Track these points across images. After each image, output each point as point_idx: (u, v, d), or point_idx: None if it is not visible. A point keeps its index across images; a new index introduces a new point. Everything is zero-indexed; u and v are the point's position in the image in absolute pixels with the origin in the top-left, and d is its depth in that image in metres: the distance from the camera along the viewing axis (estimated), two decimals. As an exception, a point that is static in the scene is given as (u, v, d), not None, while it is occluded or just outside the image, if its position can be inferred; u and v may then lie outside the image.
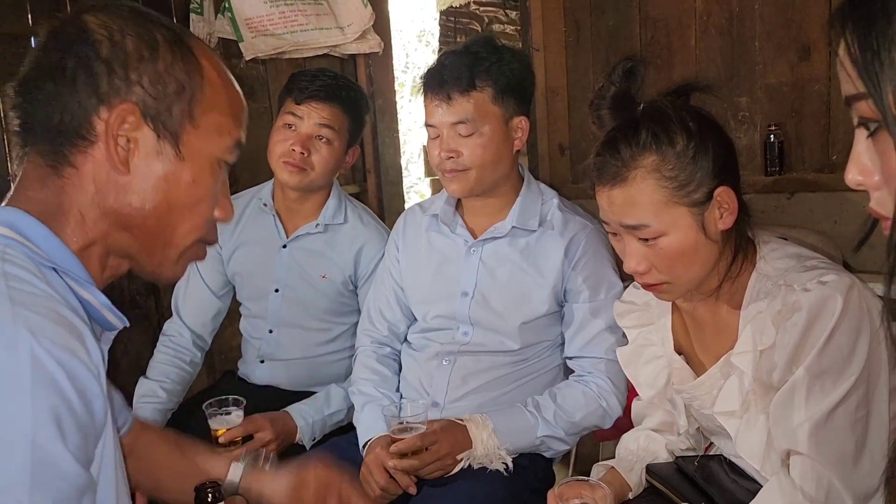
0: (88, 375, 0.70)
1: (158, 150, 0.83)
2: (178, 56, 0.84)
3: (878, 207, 0.67)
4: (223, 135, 0.88)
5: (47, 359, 0.67)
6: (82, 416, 0.69)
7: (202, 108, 0.86)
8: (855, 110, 0.65)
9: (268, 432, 1.68)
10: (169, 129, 0.84)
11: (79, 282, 0.80)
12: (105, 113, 0.81)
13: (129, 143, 0.82)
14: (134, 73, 0.82)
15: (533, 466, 1.54)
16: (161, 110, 0.83)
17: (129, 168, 0.82)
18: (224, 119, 0.88)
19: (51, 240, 0.80)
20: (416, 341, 1.67)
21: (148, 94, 0.82)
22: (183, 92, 0.84)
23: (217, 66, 0.89)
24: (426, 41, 6.92)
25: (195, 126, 0.85)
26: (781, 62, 2.18)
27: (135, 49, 0.82)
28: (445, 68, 1.50)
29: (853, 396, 1.04)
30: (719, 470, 1.28)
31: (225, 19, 2.53)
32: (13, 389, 0.65)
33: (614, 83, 1.18)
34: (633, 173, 1.12)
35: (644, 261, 1.16)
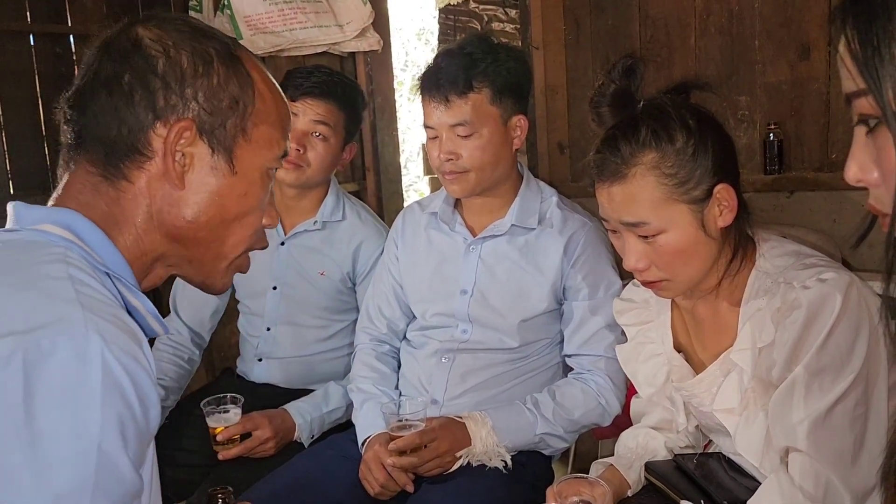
0: (149, 382, 0.71)
1: (213, 164, 0.85)
2: (231, 70, 0.85)
3: (876, 204, 0.67)
4: (272, 146, 0.90)
5: (116, 365, 0.67)
6: (141, 424, 0.70)
7: (254, 122, 0.87)
8: (855, 107, 0.66)
9: (266, 430, 1.68)
10: (223, 145, 0.85)
11: (129, 288, 0.80)
12: (162, 129, 0.82)
13: (185, 158, 0.83)
14: (190, 89, 0.83)
15: (532, 464, 1.54)
16: (216, 126, 0.84)
17: (185, 183, 0.84)
18: (273, 131, 0.89)
19: (106, 245, 0.81)
20: (416, 339, 1.67)
21: (203, 109, 0.83)
22: (236, 106, 0.85)
23: (266, 78, 0.90)
24: (425, 39, 6.92)
25: (247, 140, 0.86)
26: (781, 61, 2.18)
27: (189, 65, 0.83)
28: (442, 70, 1.49)
29: (852, 394, 1.04)
30: (718, 467, 1.28)
31: (224, 17, 2.53)
32: (85, 395, 0.66)
33: (614, 81, 1.18)
34: (633, 170, 1.13)
35: (643, 258, 1.16)
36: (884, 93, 0.62)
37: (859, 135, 0.66)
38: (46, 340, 0.65)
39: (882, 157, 0.64)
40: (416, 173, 6.49)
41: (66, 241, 0.78)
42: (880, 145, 0.64)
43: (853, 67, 0.64)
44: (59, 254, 0.75)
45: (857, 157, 0.67)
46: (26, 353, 0.64)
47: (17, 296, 0.70)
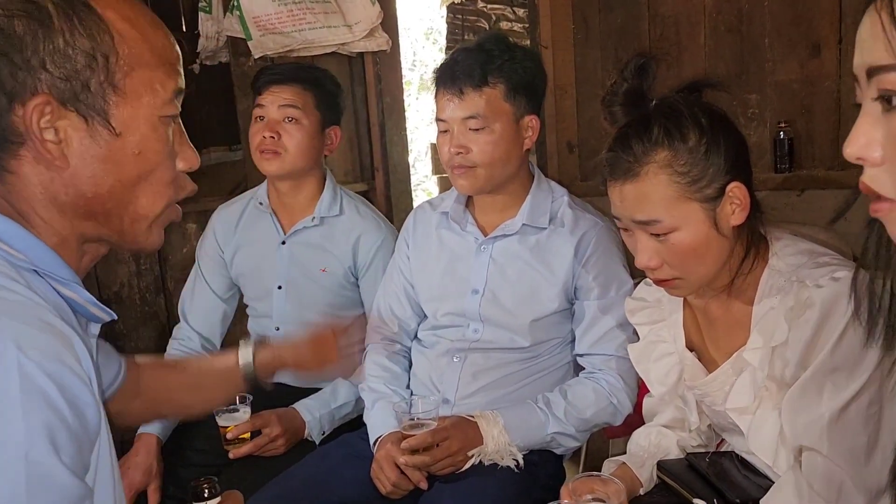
0: (79, 384, 0.67)
1: (91, 132, 0.76)
2: (76, 22, 0.74)
3: (870, 183, 0.63)
4: (156, 90, 0.79)
5: (36, 372, 0.64)
6: (75, 427, 0.67)
7: (123, 72, 0.77)
8: (876, 81, 0.61)
9: (275, 427, 1.68)
10: (94, 108, 0.75)
11: (61, 281, 0.76)
12: (20, 110, 0.73)
13: (58, 134, 0.75)
14: (34, 58, 0.73)
15: (543, 463, 1.54)
16: (77, 90, 0.74)
17: (68, 161, 0.76)
18: (151, 73, 0.79)
19: (27, 239, 0.75)
20: (427, 338, 1.68)
21: (56, 77, 0.73)
22: (94, 62, 0.75)
23: (126, 11, 0.78)
24: (434, 39, 6.91)
25: (121, 94, 0.77)
26: (791, 59, 2.17)
27: (26, 30, 0.72)
28: (458, 64, 1.51)
29: (866, 393, 1.03)
30: (731, 466, 1.28)
31: (234, 17, 2.54)
32: (4, 406, 0.62)
33: (626, 80, 1.18)
34: (645, 168, 1.13)
35: (656, 256, 1.16)
36: None
37: (869, 111, 0.62)
38: None
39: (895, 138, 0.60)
40: (425, 172, 6.49)
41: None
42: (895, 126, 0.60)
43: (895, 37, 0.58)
44: None
45: (863, 133, 0.62)
46: None
47: None
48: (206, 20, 2.54)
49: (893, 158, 0.61)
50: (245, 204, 1.95)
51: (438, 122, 1.56)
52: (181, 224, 2.45)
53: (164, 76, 0.80)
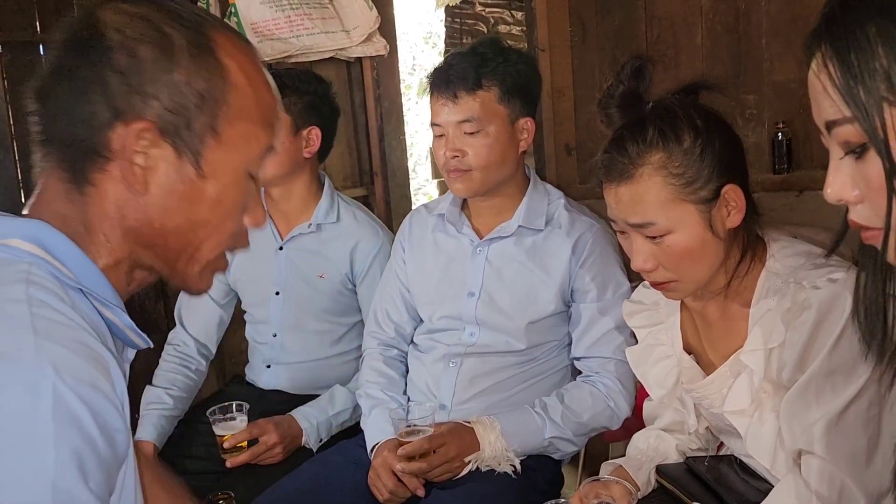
0: (112, 410, 0.67)
1: (179, 168, 0.77)
2: (199, 62, 0.76)
3: (858, 219, 0.69)
4: (251, 144, 0.81)
5: (71, 397, 0.64)
6: (105, 454, 0.66)
7: (227, 119, 0.78)
8: (836, 134, 0.66)
9: (272, 435, 1.68)
10: (189, 147, 0.77)
11: (105, 304, 0.76)
12: (121, 129, 0.75)
13: (147, 160, 0.76)
14: (150, 85, 0.75)
15: (541, 468, 1.53)
16: (180, 126, 0.76)
17: (148, 188, 0.77)
18: (252, 127, 0.81)
19: (79, 258, 0.75)
20: (423, 343, 1.67)
21: (166, 109, 0.75)
22: (204, 104, 0.77)
23: (245, 65, 0.80)
24: (433, 43, 6.92)
25: (219, 140, 0.78)
26: (789, 59, 2.16)
27: (151, 58, 0.75)
28: (452, 68, 1.51)
29: (865, 395, 1.03)
30: (730, 470, 1.27)
31: (231, 24, 2.54)
32: (36, 432, 0.62)
33: (623, 82, 1.18)
34: (640, 171, 1.12)
35: (651, 258, 1.15)
36: (871, 121, 0.63)
37: (836, 156, 0.68)
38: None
39: (868, 177, 0.65)
40: (425, 177, 6.49)
41: (33, 256, 0.72)
42: (866, 168, 0.65)
43: (837, 97, 0.65)
44: (21, 272, 0.70)
45: (835, 179, 0.68)
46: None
47: None
48: (203, 27, 2.53)
49: (868, 195, 0.66)
50: None
51: (434, 126, 1.56)
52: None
53: (261, 132, 0.82)
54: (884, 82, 0.62)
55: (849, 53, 0.63)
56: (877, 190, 0.64)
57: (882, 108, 0.62)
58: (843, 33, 0.64)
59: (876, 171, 0.64)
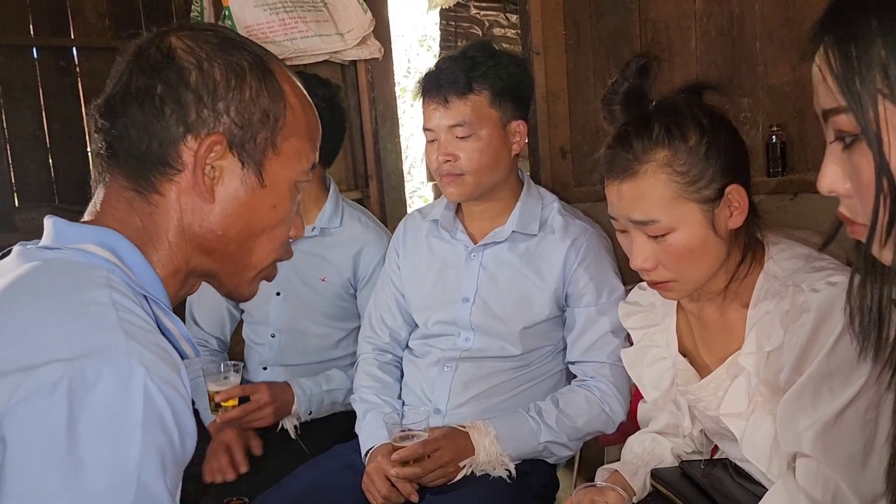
0: (188, 413, 0.71)
1: (243, 178, 0.84)
2: (263, 83, 0.84)
3: (846, 212, 0.70)
4: (301, 159, 0.88)
5: (158, 396, 0.67)
6: (179, 453, 0.70)
7: (284, 135, 0.86)
8: (831, 123, 0.67)
9: (264, 395, 1.67)
10: (253, 158, 0.84)
11: (164, 311, 0.80)
12: (192, 142, 0.81)
13: (215, 171, 0.83)
14: (222, 102, 0.82)
15: (536, 472, 1.53)
16: (246, 139, 0.83)
17: (214, 196, 0.83)
18: (302, 144, 0.88)
19: (144, 266, 0.80)
20: (418, 348, 1.67)
21: (234, 123, 0.82)
22: (267, 120, 0.84)
23: (297, 89, 0.89)
24: (428, 46, 6.93)
25: (277, 153, 0.85)
26: (783, 62, 2.17)
27: (223, 78, 0.82)
28: (443, 73, 1.51)
29: (862, 398, 1.03)
30: (724, 475, 1.27)
31: (225, 26, 2.53)
32: (127, 426, 0.66)
33: (628, 79, 1.18)
34: (645, 167, 1.12)
35: (652, 257, 1.15)
36: (865, 112, 0.63)
37: (832, 149, 0.68)
38: (91, 369, 0.65)
39: (858, 172, 0.66)
40: (420, 179, 6.49)
41: (109, 263, 0.77)
42: (857, 161, 0.66)
43: (834, 86, 0.65)
44: (103, 277, 0.75)
45: (830, 169, 0.69)
46: (71, 382, 0.64)
47: (62, 321, 0.70)
48: (197, 29, 2.53)
49: (858, 188, 0.67)
50: None
51: (426, 131, 1.56)
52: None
53: (309, 149, 0.90)
54: (880, 74, 0.63)
55: (849, 44, 0.64)
56: (866, 184, 0.65)
57: (876, 101, 0.63)
58: (845, 24, 0.64)
59: (866, 164, 0.64)
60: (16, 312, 0.70)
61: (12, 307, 0.71)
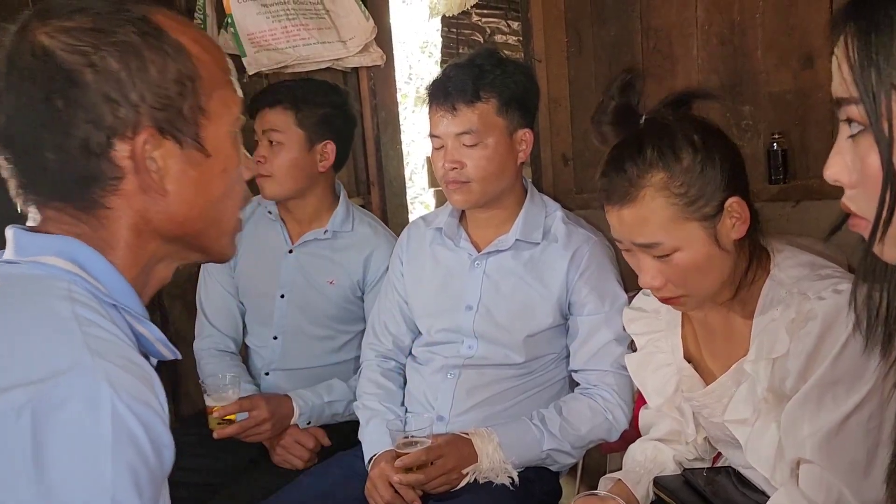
0: (162, 427, 0.69)
1: (186, 158, 0.78)
2: (160, 50, 0.75)
3: (849, 203, 0.69)
4: (231, 107, 0.82)
5: (127, 414, 0.65)
6: (155, 468, 0.68)
7: (206, 93, 0.78)
8: (843, 111, 0.67)
9: (262, 411, 1.67)
10: (188, 134, 0.77)
11: (137, 318, 0.77)
12: (122, 146, 0.74)
13: (157, 163, 0.76)
14: (133, 93, 0.73)
15: (539, 480, 1.53)
16: (174, 118, 0.76)
17: (167, 189, 0.77)
18: (225, 92, 0.81)
19: (110, 273, 0.76)
20: (421, 355, 1.67)
21: (155, 108, 0.74)
22: (184, 87, 0.76)
23: (193, 33, 0.79)
24: (429, 52, 6.94)
25: (207, 116, 0.79)
26: (784, 70, 2.17)
27: (120, 66, 0.73)
28: (451, 80, 1.51)
29: (866, 406, 1.03)
30: (727, 482, 1.27)
31: (228, 34, 2.54)
32: (96, 447, 0.63)
33: (613, 97, 1.18)
34: (642, 192, 1.11)
35: (659, 276, 1.15)
36: (876, 106, 0.63)
37: (843, 136, 0.68)
38: (56, 392, 0.63)
39: (863, 163, 0.65)
40: (422, 185, 6.50)
41: (71, 274, 0.73)
42: (862, 152, 0.65)
43: (848, 76, 0.65)
44: (63, 290, 0.71)
45: (838, 159, 0.68)
46: (36, 407, 0.62)
47: (24, 341, 0.67)
48: (201, 37, 2.54)
49: (863, 181, 0.66)
50: (253, 208, 1.96)
51: (432, 138, 1.56)
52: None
53: (231, 92, 0.83)
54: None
55: (869, 34, 0.63)
56: (870, 177, 0.65)
57: (890, 95, 0.62)
58: (868, 13, 0.64)
59: (872, 156, 0.64)
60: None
61: None
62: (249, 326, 1.98)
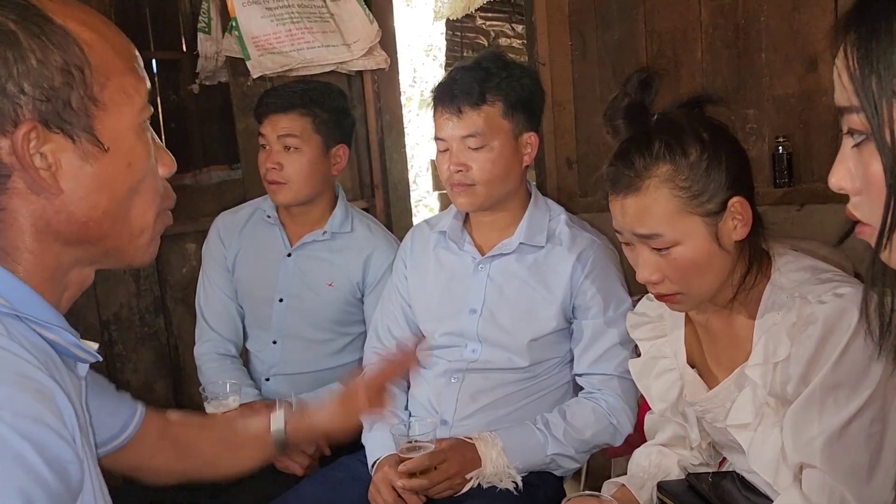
0: (60, 443, 0.64)
1: (80, 152, 0.72)
2: (43, 38, 0.70)
3: (854, 211, 0.70)
4: (133, 96, 0.76)
5: (11, 435, 0.61)
6: (55, 488, 0.63)
7: (99, 83, 0.73)
8: (846, 120, 0.67)
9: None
10: (79, 126, 0.72)
11: (43, 325, 0.72)
12: (4, 141, 0.69)
13: (47, 159, 0.71)
14: (10, 83, 0.69)
15: (543, 484, 1.53)
16: (60, 110, 0.71)
17: (60, 186, 0.72)
18: (124, 79, 0.75)
19: (9, 282, 0.71)
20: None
21: (37, 99, 0.70)
22: (71, 77, 0.71)
23: (88, 19, 0.74)
24: (433, 55, 6.95)
25: (102, 107, 0.73)
26: (788, 74, 2.18)
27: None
28: (456, 83, 1.51)
29: (868, 411, 1.03)
30: (732, 487, 1.27)
31: (232, 38, 2.55)
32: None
33: (629, 94, 1.18)
34: (647, 183, 1.12)
35: (657, 271, 1.15)
36: (877, 114, 0.63)
37: (847, 144, 0.68)
38: None
39: (866, 171, 0.66)
40: (426, 188, 6.51)
41: None
42: (865, 160, 0.65)
43: (849, 84, 0.65)
44: None
45: (842, 166, 0.69)
46: None
47: None
48: (206, 40, 2.55)
49: (867, 188, 0.66)
50: (251, 212, 1.96)
51: (437, 140, 1.56)
52: (180, 244, 2.44)
53: (135, 80, 0.77)
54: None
55: (870, 42, 0.63)
56: (874, 185, 0.65)
57: (892, 103, 0.62)
58: (869, 21, 0.64)
59: (875, 164, 0.64)
60: None
61: None
62: (249, 330, 1.98)
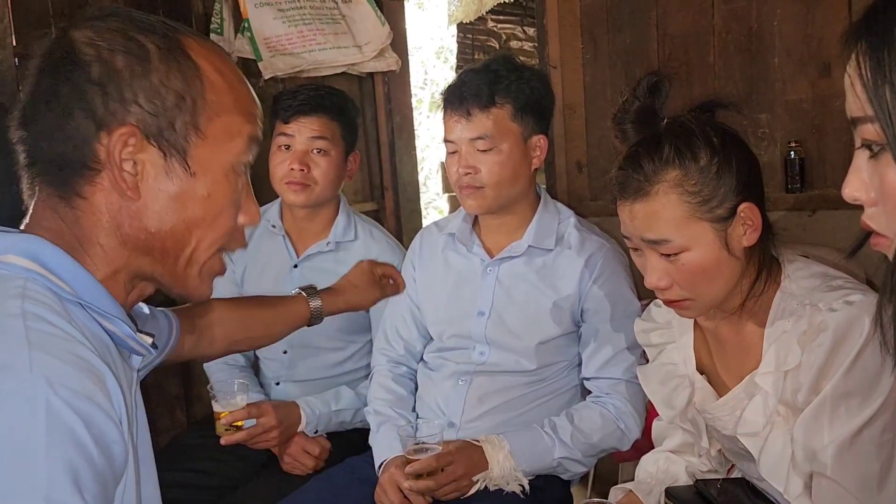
0: (108, 422, 0.68)
1: (167, 169, 0.79)
2: (172, 64, 0.79)
3: (869, 221, 0.69)
4: (234, 138, 0.83)
5: (64, 409, 0.64)
6: (101, 465, 0.66)
7: (207, 116, 0.80)
8: (859, 131, 0.66)
9: (270, 418, 1.66)
10: (175, 147, 0.79)
11: (104, 315, 0.77)
12: (105, 139, 0.77)
13: (136, 166, 0.78)
14: (128, 91, 0.77)
15: (550, 488, 1.52)
16: (163, 127, 0.78)
17: (140, 193, 0.78)
18: (233, 120, 0.83)
19: (76, 271, 0.77)
20: (433, 361, 1.67)
21: (146, 112, 0.77)
22: (183, 103, 0.79)
23: (218, 64, 0.83)
24: (444, 58, 6.96)
25: (202, 137, 0.80)
26: (801, 78, 2.16)
27: (125, 65, 0.77)
28: (466, 85, 1.51)
29: (879, 419, 1.02)
30: (741, 494, 1.26)
31: (244, 39, 2.56)
32: (28, 444, 0.63)
33: (639, 98, 1.17)
34: (656, 188, 1.11)
35: (665, 276, 1.14)
36: (893, 124, 0.62)
37: (860, 155, 0.67)
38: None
39: (882, 182, 0.65)
40: (436, 190, 6.51)
41: (29, 272, 0.74)
42: (881, 170, 0.65)
43: (862, 94, 0.64)
44: (17, 288, 0.72)
45: (856, 177, 0.68)
46: None
47: None
48: (218, 41, 2.56)
49: (883, 199, 0.66)
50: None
51: (447, 143, 1.56)
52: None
53: (243, 123, 0.84)
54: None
55: (882, 51, 0.62)
56: (890, 196, 0.64)
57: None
58: (880, 30, 0.63)
59: (891, 176, 0.63)
60: None
61: None
62: None
